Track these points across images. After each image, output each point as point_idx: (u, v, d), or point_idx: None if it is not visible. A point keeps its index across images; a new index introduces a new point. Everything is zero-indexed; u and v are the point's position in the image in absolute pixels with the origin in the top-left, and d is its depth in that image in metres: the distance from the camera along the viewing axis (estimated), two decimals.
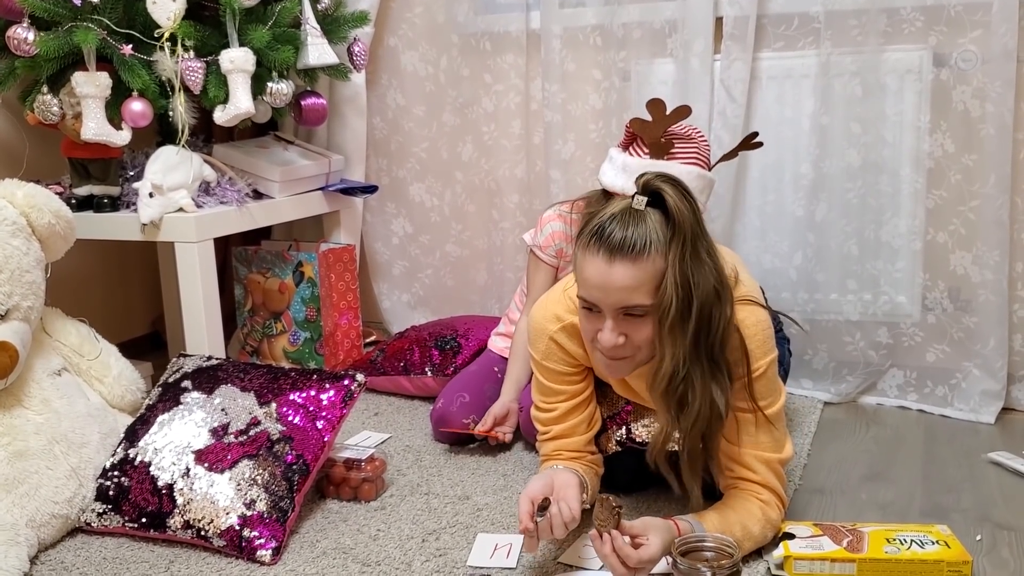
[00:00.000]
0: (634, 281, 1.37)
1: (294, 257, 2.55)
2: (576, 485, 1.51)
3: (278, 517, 1.62)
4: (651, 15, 2.43)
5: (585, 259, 1.41)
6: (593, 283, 1.40)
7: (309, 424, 1.73)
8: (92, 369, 1.91)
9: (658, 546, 1.40)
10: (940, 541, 1.48)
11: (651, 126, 1.86)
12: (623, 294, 1.38)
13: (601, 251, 1.38)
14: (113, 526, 1.69)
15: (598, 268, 1.38)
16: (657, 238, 1.36)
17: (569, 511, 1.44)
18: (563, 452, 1.64)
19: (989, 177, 2.15)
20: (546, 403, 1.66)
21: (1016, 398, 2.24)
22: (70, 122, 2.13)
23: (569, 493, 1.48)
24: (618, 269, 1.37)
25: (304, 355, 2.58)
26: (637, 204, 1.38)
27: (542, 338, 1.62)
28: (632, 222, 1.37)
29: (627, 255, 1.36)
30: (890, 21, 2.21)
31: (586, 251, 1.40)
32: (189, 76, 2.07)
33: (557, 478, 1.52)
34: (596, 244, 1.39)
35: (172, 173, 2.12)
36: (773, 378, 1.52)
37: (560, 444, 1.65)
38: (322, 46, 2.29)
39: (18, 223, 1.76)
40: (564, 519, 1.44)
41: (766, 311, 1.54)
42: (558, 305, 1.62)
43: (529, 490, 1.48)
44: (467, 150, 2.75)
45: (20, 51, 2.02)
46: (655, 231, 1.37)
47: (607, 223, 1.39)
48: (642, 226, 1.37)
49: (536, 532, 1.44)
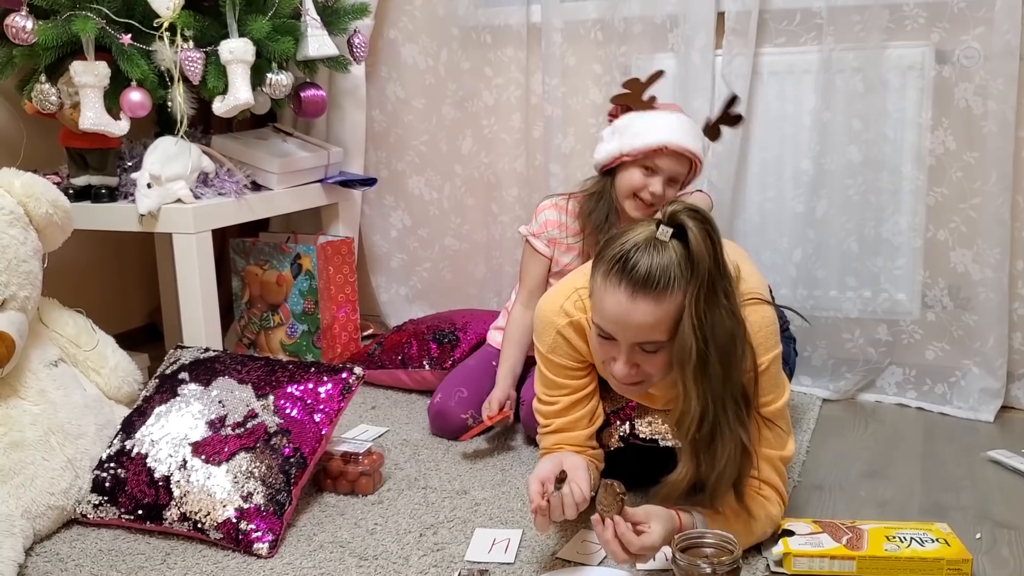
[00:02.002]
0: (654, 319, 1.35)
1: (292, 249, 2.54)
2: (585, 468, 1.52)
3: (275, 510, 1.61)
4: (652, 9, 2.42)
5: (606, 290, 1.38)
6: (611, 317, 1.38)
7: (306, 417, 1.73)
8: (89, 360, 1.91)
9: (659, 534, 1.40)
10: (940, 539, 1.48)
11: (632, 92, 2.01)
12: (641, 332, 1.37)
13: (623, 284, 1.35)
14: (109, 518, 1.68)
15: (618, 303, 1.36)
16: (679, 273, 1.34)
17: (580, 492, 1.46)
18: (564, 446, 1.64)
19: (990, 175, 2.14)
20: (549, 396, 1.65)
21: (1015, 396, 2.24)
22: (68, 112, 2.12)
23: (579, 475, 1.50)
24: (639, 306, 1.35)
25: (301, 348, 2.57)
26: (662, 235, 1.35)
27: (549, 331, 1.61)
28: (656, 253, 1.34)
29: (649, 292, 1.34)
30: (892, 17, 2.21)
31: (607, 281, 1.38)
32: (188, 66, 2.06)
33: (567, 461, 1.53)
34: (618, 276, 1.36)
35: (170, 164, 2.11)
36: (777, 374, 1.51)
37: (561, 438, 1.64)
38: (322, 37, 2.28)
39: (15, 212, 1.75)
40: (576, 499, 1.45)
41: (771, 308, 1.53)
42: (568, 301, 1.60)
43: (539, 472, 1.49)
44: (467, 143, 2.74)
45: (18, 40, 2.01)
46: (678, 265, 1.34)
47: (631, 252, 1.35)
48: (665, 257, 1.34)
49: (548, 511, 1.44)
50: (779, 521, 1.54)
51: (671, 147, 1.93)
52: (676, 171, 1.97)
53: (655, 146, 1.93)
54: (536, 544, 1.59)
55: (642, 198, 1.97)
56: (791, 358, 2.06)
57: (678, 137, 1.95)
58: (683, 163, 1.97)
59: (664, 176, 1.96)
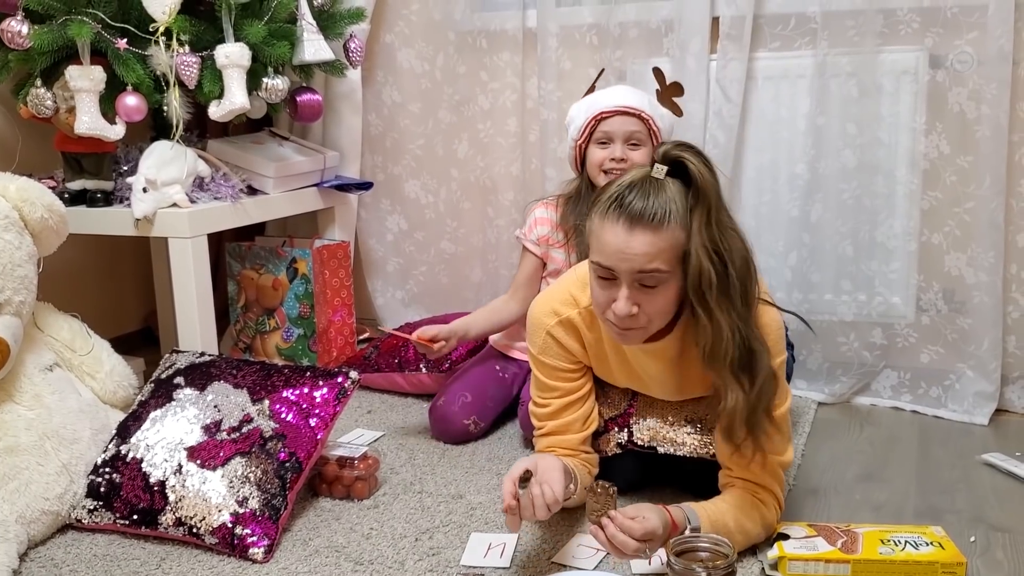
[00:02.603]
0: (654, 248, 1.37)
1: (288, 253, 2.54)
2: (560, 469, 1.50)
3: (270, 515, 1.61)
4: (647, 14, 2.43)
5: (604, 226, 1.40)
6: (611, 250, 1.39)
7: (302, 421, 1.73)
8: (84, 365, 1.90)
9: (656, 521, 1.39)
10: (934, 542, 1.48)
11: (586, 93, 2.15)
12: (642, 260, 1.37)
13: (621, 219, 1.37)
14: (104, 523, 1.68)
15: (617, 235, 1.38)
16: (676, 208, 1.37)
17: (552, 492, 1.43)
18: (557, 449, 1.64)
19: (984, 179, 2.15)
20: (542, 398, 1.66)
21: (1009, 399, 2.24)
22: (64, 116, 2.12)
23: (553, 476, 1.47)
24: (638, 237, 1.37)
25: (297, 352, 2.57)
26: (657, 173, 1.39)
27: (539, 332, 1.62)
28: (652, 191, 1.37)
29: (648, 224, 1.36)
30: (887, 22, 2.22)
31: (604, 218, 1.40)
32: (184, 71, 2.06)
33: (541, 461, 1.51)
34: (616, 212, 1.38)
35: (166, 168, 2.11)
36: (782, 379, 1.51)
37: (554, 440, 1.65)
38: (318, 42, 2.29)
39: (10, 217, 1.75)
40: (546, 500, 1.43)
41: (775, 309, 1.53)
42: (556, 299, 1.62)
43: (512, 471, 1.48)
44: (463, 147, 2.74)
45: (14, 44, 2.00)
46: (675, 201, 1.37)
47: (626, 192, 1.38)
48: (662, 195, 1.37)
49: (519, 511, 1.43)
50: (774, 525, 1.55)
51: (607, 110, 2.00)
52: (628, 130, 2.01)
53: (593, 116, 2.02)
54: (531, 549, 1.59)
55: (608, 169, 2.01)
56: (789, 364, 2.06)
57: (612, 100, 2.03)
58: (632, 121, 2.01)
59: (619, 140, 2.01)
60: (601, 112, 2.01)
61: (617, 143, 2.01)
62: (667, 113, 2.11)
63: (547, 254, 2.14)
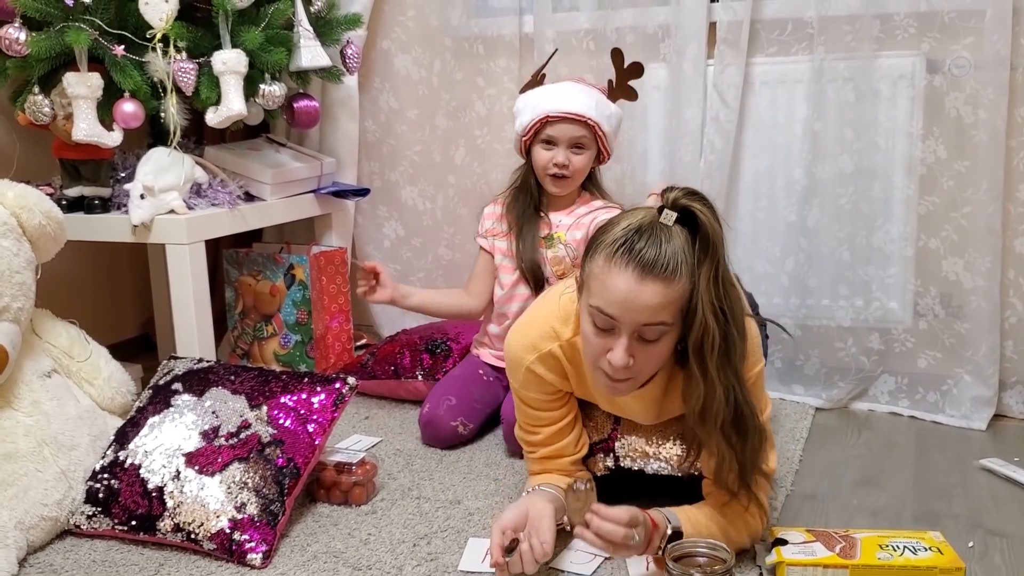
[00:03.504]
0: (664, 300, 1.31)
1: (285, 260, 2.54)
2: (550, 515, 1.49)
3: (268, 520, 1.61)
4: (644, 20, 2.44)
5: (610, 272, 1.33)
6: (618, 298, 1.32)
7: (300, 427, 1.72)
8: (82, 371, 1.90)
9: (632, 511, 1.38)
10: (933, 547, 1.48)
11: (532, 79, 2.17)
12: (649, 312, 1.32)
13: (631, 267, 1.31)
14: (103, 529, 1.67)
15: (627, 284, 1.31)
16: (685, 259, 1.31)
17: (540, 547, 1.44)
18: (552, 471, 1.65)
19: (981, 184, 2.16)
20: (530, 427, 1.65)
21: (1007, 404, 2.24)
22: (61, 123, 2.12)
23: (543, 524, 1.47)
24: (648, 287, 1.31)
25: (295, 358, 2.57)
26: (666, 219, 1.33)
27: (519, 369, 1.59)
28: (663, 239, 1.31)
29: (659, 274, 1.30)
30: (883, 27, 2.22)
31: (611, 263, 1.33)
32: (181, 77, 2.06)
33: (532, 508, 1.51)
34: (624, 258, 1.32)
35: (163, 175, 2.12)
36: (761, 389, 1.50)
37: (548, 464, 1.66)
38: (315, 48, 2.29)
39: (8, 224, 1.75)
40: (536, 555, 1.44)
41: (753, 320, 1.49)
42: (534, 333, 1.58)
43: (502, 521, 1.47)
44: (460, 153, 2.74)
45: (11, 51, 2.01)
46: (684, 251, 1.31)
47: (634, 237, 1.32)
48: (673, 244, 1.31)
49: (507, 568, 1.44)
50: (758, 531, 1.54)
51: (553, 114, 2.01)
52: (574, 136, 2.03)
53: (538, 118, 2.03)
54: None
55: (551, 173, 2.05)
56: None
57: (559, 104, 2.03)
58: (578, 127, 2.02)
59: (564, 145, 2.03)
60: (548, 115, 2.02)
61: (561, 147, 2.03)
62: (615, 111, 2.11)
63: (493, 246, 2.19)
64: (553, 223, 2.12)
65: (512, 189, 2.17)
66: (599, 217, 2.03)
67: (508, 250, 2.15)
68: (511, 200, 2.16)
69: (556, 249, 2.08)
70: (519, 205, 2.13)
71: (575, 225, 2.08)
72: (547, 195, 2.13)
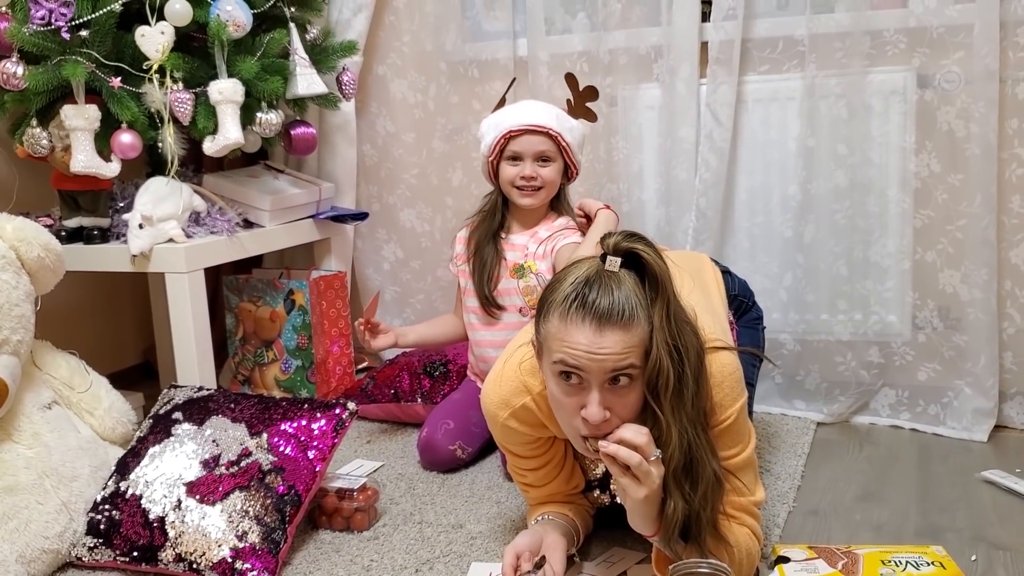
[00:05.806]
0: (626, 346, 1.29)
1: (285, 285, 2.55)
2: (563, 549, 1.51)
3: (270, 548, 1.61)
4: (637, 41, 2.45)
5: (567, 328, 1.31)
6: (580, 351, 1.30)
7: (300, 454, 1.73)
8: (83, 402, 1.91)
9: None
10: (935, 562, 1.48)
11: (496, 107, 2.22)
12: (615, 360, 1.29)
13: (588, 319, 1.29)
14: (104, 560, 1.67)
15: (587, 337, 1.29)
16: (639, 301, 1.30)
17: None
18: (549, 504, 1.66)
19: (975, 196, 2.16)
20: (521, 470, 1.65)
21: (1008, 416, 2.24)
22: (59, 154, 2.13)
23: (555, 557, 1.48)
24: (608, 337, 1.28)
25: (296, 383, 2.57)
26: (611, 266, 1.31)
27: (495, 424, 1.58)
28: (614, 286, 1.30)
29: (617, 323, 1.28)
30: (874, 43, 2.23)
31: (567, 321, 1.31)
32: (178, 107, 2.07)
33: (547, 537, 1.52)
34: (579, 312, 1.30)
35: (162, 204, 2.13)
36: (743, 424, 1.46)
37: (546, 498, 1.66)
38: (311, 76, 2.31)
39: (7, 257, 1.76)
40: None
41: (731, 352, 1.45)
42: (505, 390, 1.55)
43: (516, 544, 1.48)
44: (457, 176, 2.76)
45: (9, 85, 2.02)
46: (635, 294, 1.30)
47: (585, 290, 1.30)
48: (623, 289, 1.30)
49: None
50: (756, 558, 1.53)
51: (515, 128, 2.04)
52: (538, 148, 2.06)
53: (501, 134, 2.06)
54: None
55: (519, 186, 2.07)
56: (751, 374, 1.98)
57: (520, 118, 2.07)
58: (542, 140, 2.05)
59: (529, 158, 2.05)
60: (510, 131, 2.05)
61: (527, 161, 2.06)
62: (577, 125, 2.13)
63: (460, 271, 2.23)
64: (518, 247, 2.13)
65: (482, 214, 2.20)
66: (558, 244, 2.07)
67: (468, 274, 2.19)
68: (475, 226, 2.20)
69: (528, 279, 2.10)
70: (479, 232, 2.17)
71: (542, 255, 2.10)
72: (512, 215, 2.15)
